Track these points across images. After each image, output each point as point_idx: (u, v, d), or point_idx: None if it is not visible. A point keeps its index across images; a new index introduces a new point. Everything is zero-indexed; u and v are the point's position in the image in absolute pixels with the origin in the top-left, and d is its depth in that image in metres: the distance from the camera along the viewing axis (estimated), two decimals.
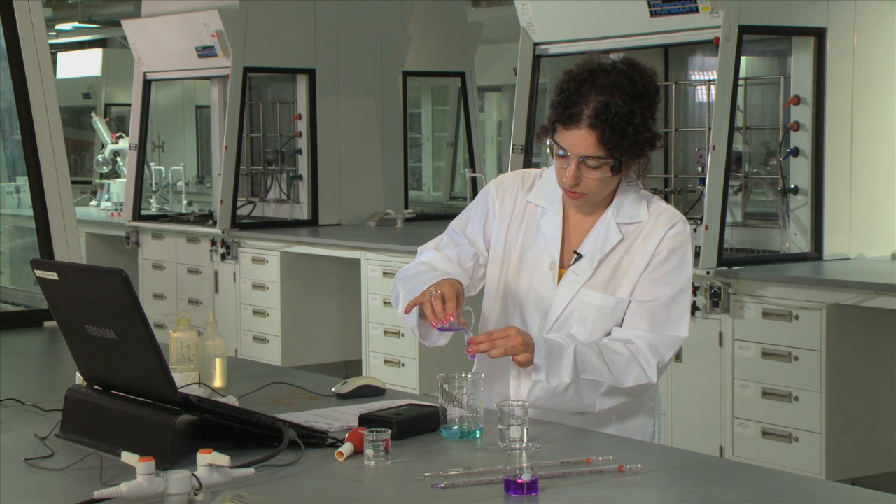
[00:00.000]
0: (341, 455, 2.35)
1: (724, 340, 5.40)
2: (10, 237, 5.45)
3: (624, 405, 2.76)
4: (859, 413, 5.21)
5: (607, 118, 2.61)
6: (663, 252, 2.72)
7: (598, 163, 2.64)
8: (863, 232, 5.72)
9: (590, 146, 2.63)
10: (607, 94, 2.63)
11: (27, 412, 2.81)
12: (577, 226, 2.80)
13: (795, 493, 2.23)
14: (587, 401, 2.65)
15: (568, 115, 2.64)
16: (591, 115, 2.62)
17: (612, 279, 2.74)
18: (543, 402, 2.62)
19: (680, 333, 2.72)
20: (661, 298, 2.71)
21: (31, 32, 4.44)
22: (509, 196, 2.85)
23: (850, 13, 5.62)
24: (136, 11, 9.38)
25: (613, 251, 2.74)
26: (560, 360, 2.60)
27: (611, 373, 2.64)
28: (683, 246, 2.74)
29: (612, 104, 2.62)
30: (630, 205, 2.76)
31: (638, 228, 2.75)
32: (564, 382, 2.60)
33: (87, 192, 10.69)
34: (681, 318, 2.72)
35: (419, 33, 8.49)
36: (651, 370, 2.67)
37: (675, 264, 2.73)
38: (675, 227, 2.74)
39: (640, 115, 2.65)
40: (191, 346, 2.90)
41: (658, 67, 6.39)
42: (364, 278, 7.05)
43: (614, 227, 2.75)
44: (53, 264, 3.09)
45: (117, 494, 2.03)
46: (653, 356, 2.68)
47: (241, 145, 7.83)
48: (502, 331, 2.59)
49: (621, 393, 2.68)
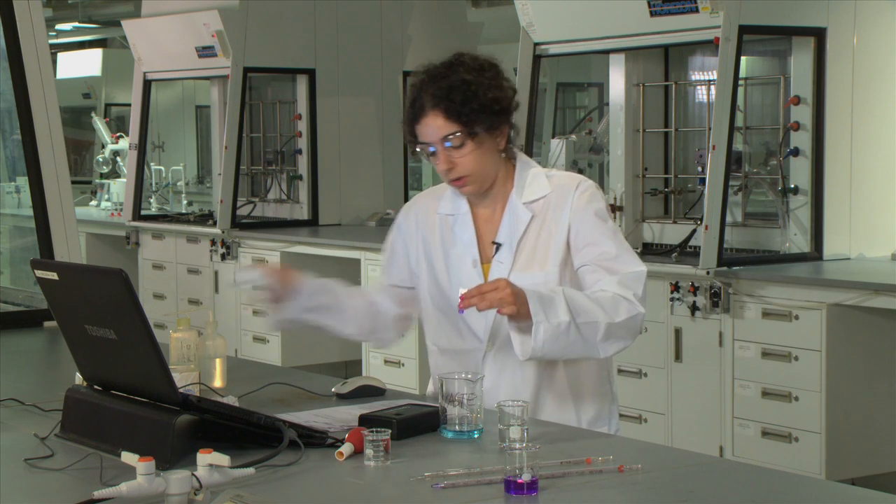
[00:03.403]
0: (341, 455, 2.35)
1: (724, 340, 5.40)
2: (10, 237, 5.45)
3: (584, 388, 2.84)
4: (859, 413, 5.21)
5: (444, 93, 2.74)
6: (580, 211, 2.79)
7: (459, 140, 2.75)
8: (863, 232, 5.71)
9: (441, 125, 2.75)
10: (440, 80, 2.76)
11: (27, 412, 2.81)
12: (488, 221, 2.88)
13: (795, 493, 2.23)
14: (590, 343, 2.68)
15: (414, 111, 2.80)
16: (431, 98, 2.75)
17: (534, 257, 2.80)
18: (550, 345, 2.63)
19: (638, 268, 2.77)
20: (606, 251, 2.77)
21: (31, 32, 4.44)
22: (421, 215, 2.97)
23: (850, 13, 5.62)
24: (136, 11, 9.37)
25: (528, 230, 2.82)
26: (553, 303, 2.64)
27: (603, 310, 2.67)
28: (594, 197, 2.82)
29: (445, 83, 2.75)
30: (530, 184, 2.85)
31: (545, 203, 2.83)
32: (564, 321, 2.62)
33: (87, 192, 10.69)
34: (632, 257, 2.79)
35: (419, 33, 8.49)
36: (635, 301, 2.71)
37: (597, 216, 2.80)
38: (579, 186, 2.83)
39: (476, 83, 2.75)
40: (191, 346, 2.90)
41: (658, 67, 6.39)
42: (364, 278, 7.04)
43: (521, 207, 2.83)
44: (53, 264, 3.09)
45: (117, 494, 2.03)
46: (628, 290, 2.72)
47: (241, 145, 7.83)
48: (492, 283, 2.62)
49: (620, 334, 2.70)
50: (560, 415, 2.83)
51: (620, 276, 2.74)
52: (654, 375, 5.60)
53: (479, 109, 2.74)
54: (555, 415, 2.83)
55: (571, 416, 2.85)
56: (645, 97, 6.30)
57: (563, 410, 2.84)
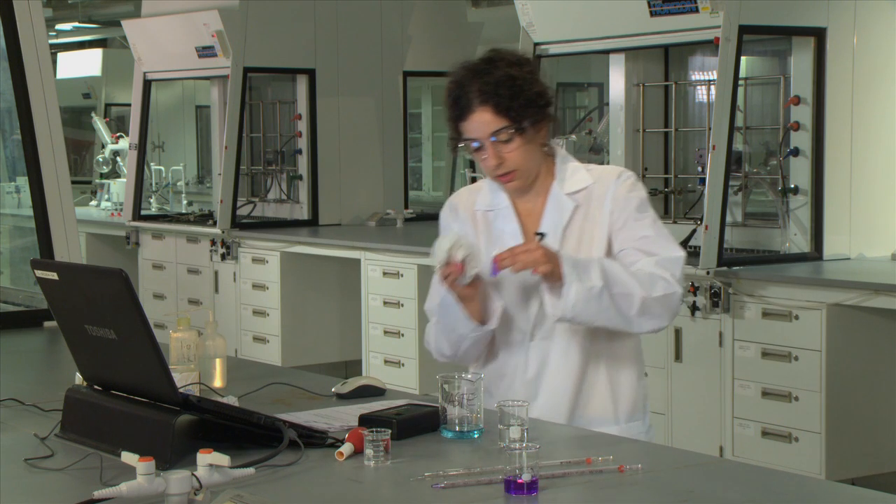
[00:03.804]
0: (341, 455, 2.35)
1: (724, 340, 5.40)
2: (10, 237, 5.45)
3: (624, 399, 2.83)
4: (859, 413, 5.21)
5: (492, 88, 2.74)
6: (621, 199, 2.81)
7: (507, 135, 2.76)
8: (863, 232, 5.71)
9: (490, 121, 2.75)
10: (485, 76, 2.76)
11: (27, 412, 2.81)
12: (530, 214, 2.88)
13: (795, 493, 2.23)
14: (624, 315, 2.69)
15: (461, 108, 2.78)
16: (478, 94, 2.75)
17: (579, 246, 2.80)
18: (581, 307, 2.64)
19: (677, 253, 2.78)
20: (645, 236, 2.79)
21: (31, 32, 4.44)
22: (461, 210, 2.95)
23: (850, 13, 5.62)
24: (136, 11, 9.37)
25: (572, 220, 2.83)
26: (587, 268, 2.66)
27: (639, 283, 2.69)
28: (636, 187, 2.84)
29: (490, 78, 2.75)
30: (571, 175, 2.86)
31: (587, 193, 2.84)
32: (597, 286, 2.64)
33: (87, 192, 10.69)
34: (670, 243, 2.80)
35: (419, 33, 8.49)
36: (672, 280, 2.72)
37: (638, 204, 2.81)
38: (620, 176, 2.84)
39: (520, 77, 2.77)
40: (191, 346, 2.90)
41: (658, 67, 6.39)
42: (364, 278, 7.04)
43: (564, 197, 2.84)
44: (53, 264, 3.09)
45: (117, 494, 2.03)
46: (665, 271, 2.73)
47: (241, 145, 7.83)
48: (524, 245, 2.65)
49: (655, 310, 2.70)
50: (600, 407, 2.84)
51: (658, 258, 2.75)
52: (654, 375, 5.60)
53: (527, 104, 2.75)
54: (595, 407, 2.84)
55: (609, 408, 2.85)
56: (645, 97, 6.31)
57: (603, 403, 2.84)
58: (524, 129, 2.76)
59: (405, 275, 6.80)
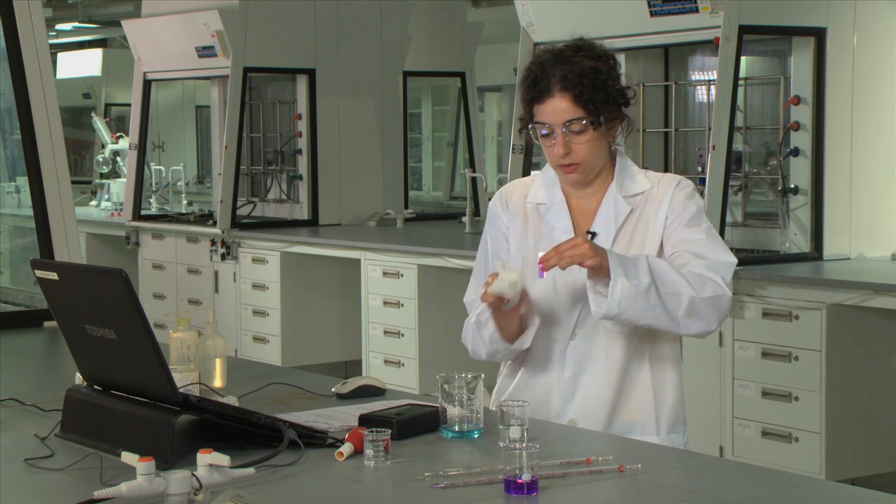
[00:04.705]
0: (341, 455, 2.35)
1: (724, 340, 5.40)
2: (10, 237, 5.45)
3: (668, 408, 2.80)
4: (859, 413, 5.21)
5: (575, 78, 2.71)
6: (678, 206, 2.77)
7: (581, 126, 2.72)
8: (863, 232, 5.71)
9: (568, 109, 2.72)
10: (569, 63, 2.73)
11: (27, 412, 2.81)
12: (583, 212, 2.84)
13: (795, 493, 2.23)
14: (672, 315, 2.63)
15: (539, 91, 2.74)
16: (560, 80, 2.72)
17: (629, 250, 2.75)
18: (628, 303, 2.58)
19: (729, 258, 2.75)
20: (697, 240, 2.75)
21: (31, 32, 4.44)
22: (512, 201, 2.89)
23: (850, 13, 5.62)
24: (136, 11, 9.38)
25: (626, 223, 2.79)
26: (635, 265, 2.61)
27: (688, 283, 2.64)
28: (694, 195, 2.81)
29: (575, 67, 2.72)
30: (630, 178, 2.83)
31: (643, 198, 2.80)
32: (644, 283, 2.58)
33: (87, 192, 10.69)
34: (722, 248, 2.76)
35: (419, 33, 8.49)
36: (722, 283, 2.68)
37: (694, 211, 2.78)
38: (679, 184, 2.81)
39: (605, 71, 2.75)
40: (191, 346, 2.90)
41: (658, 67, 6.39)
42: (364, 278, 7.04)
43: (621, 199, 2.80)
44: (53, 264, 3.09)
45: (117, 494, 2.03)
46: (716, 274, 2.69)
47: (241, 145, 7.83)
48: (569, 241, 2.59)
49: (704, 312, 2.65)
50: (642, 411, 2.78)
51: (709, 262, 2.71)
52: None
53: (606, 99, 2.73)
54: (635, 411, 2.78)
55: (651, 417, 2.79)
56: (645, 97, 6.30)
57: (645, 407, 2.78)
58: (599, 124, 2.73)
59: (405, 275, 6.80)
